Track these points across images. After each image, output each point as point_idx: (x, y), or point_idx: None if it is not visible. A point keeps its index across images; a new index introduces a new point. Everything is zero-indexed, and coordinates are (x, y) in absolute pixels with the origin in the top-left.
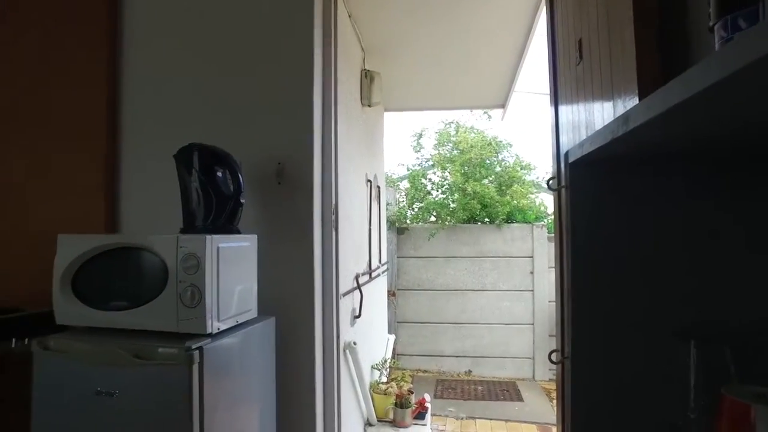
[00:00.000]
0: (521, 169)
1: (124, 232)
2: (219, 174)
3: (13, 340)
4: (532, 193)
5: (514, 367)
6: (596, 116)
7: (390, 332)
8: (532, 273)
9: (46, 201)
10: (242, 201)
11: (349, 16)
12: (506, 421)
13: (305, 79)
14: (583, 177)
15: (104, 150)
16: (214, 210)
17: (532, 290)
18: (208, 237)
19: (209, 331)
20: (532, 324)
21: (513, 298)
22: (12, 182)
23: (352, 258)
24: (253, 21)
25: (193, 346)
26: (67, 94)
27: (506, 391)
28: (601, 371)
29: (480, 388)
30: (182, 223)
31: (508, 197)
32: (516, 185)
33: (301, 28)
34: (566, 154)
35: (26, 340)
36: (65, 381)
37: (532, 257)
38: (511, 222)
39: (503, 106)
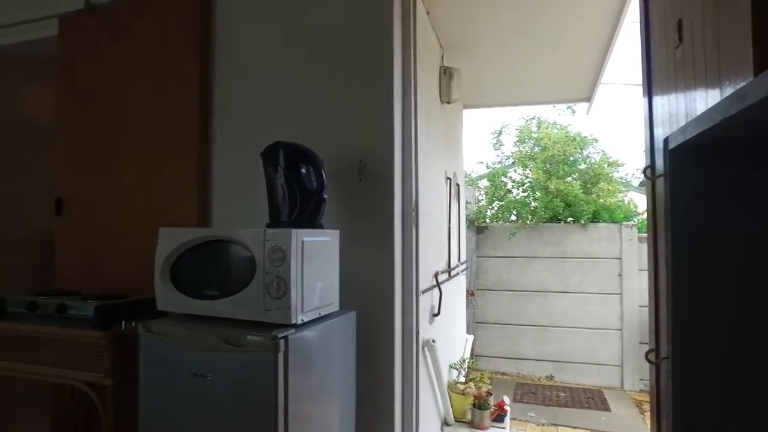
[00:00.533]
0: (608, 165)
1: (215, 227)
2: (303, 170)
3: (123, 323)
4: (620, 192)
5: (601, 374)
6: (698, 105)
7: (468, 332)
8: (620, 275)
9: (149, 199)
10: (325, 197)
11: (428, 14)
12: (591, 430)
13: (385, 79)
14: (685, 164)
15: (197, 153)
16: (298, 205)
17: (621, 294)
18: (293, 231)
19: (294, 321)
20: (621, 330)
21: (599, 301)
22: (120, 183)
23: (431, 255)
24: (334, 25)
25: (279, 335)
26: (165, 104)
27: (591, 399)
28: (703, 374)
29: (563, 394)
30: (268, 218)
31: (593, 195)
32: (602, 183)
33: (380, 30)
34: (666, 140)
35: (133, 323)
36: (166, 361)
37: (620, 259)
38: (598, 221)
39: (588, 99)
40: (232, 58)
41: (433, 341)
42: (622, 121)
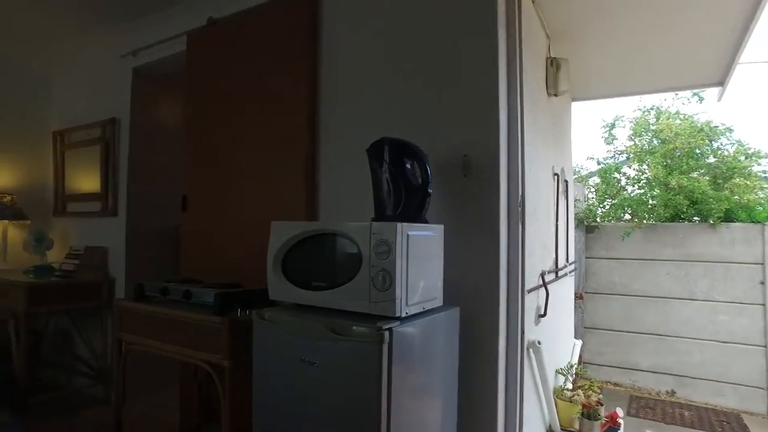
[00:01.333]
0: (746, 158)
1: (321, 222)
2: (408, 166)
3: (238, 310)
4: (762, 188)
5: (737, 395)
6: None
7: (576, 337)
8: (762, 283)
9: (261, 196)
10: (430, 191)
11: (533, 2)
12: None
13: (490, 71)
14: None
15: (306, 153)
16: (403, 200)
17: (764, 304)
18: (399, 224)
19: (398, 314)
20: (765, 346)
21: (733, 311)
22: (236, 182)
23: (537, 254)
24: (436, 18)
25: (384, 327)
26: (277, 109)
27: (726, 423)
28: None
29: (687, 413)
30: (373, 212)
31: (726, 192)
32: (738, 178)
33: (484, 21)
34: None
35: (247, 310)
36: (277, 347)
37: (762, 264)
38: (732, 221)
39: (721, 83)
40: (337, 62)
41: (539, 343)
42: (765, 106)
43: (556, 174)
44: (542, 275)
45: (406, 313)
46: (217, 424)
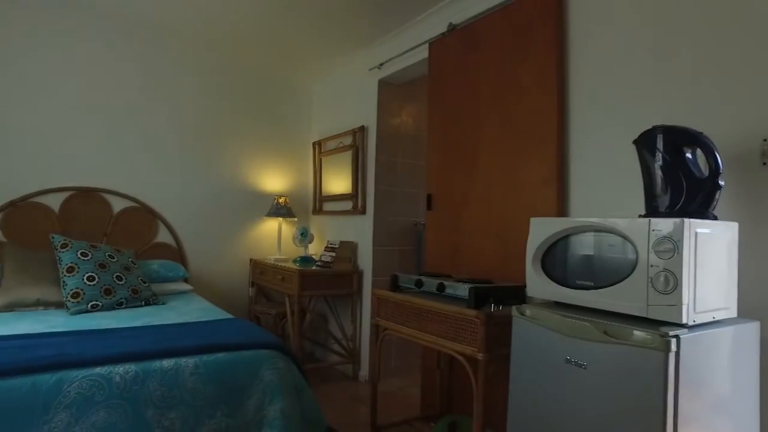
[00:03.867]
0: None
1: (578, 217)
2: (688, 155)
3: (492, 305)
4: None
5: None
6: None
7: None
8: None
9: (505, 193)
10: (720, 184)
11: None
12: None
13: None
14: None
15: (556, 149)
16: (684, 194)
17: None
18: (686, 221)
19: (684, 321)
20: None
21: None
22: (479, 179)
23: None
24: None
25: (671, 333)
26: (522, 105)
27: None
28: None
29: None
30: (633, 208)
31: None
32: None
33: None
34: None
35: (500, 306)
36: (538, 345)
37: None
38: None
39: None
40: (586, 56)
41: None
42: None
43: None
44: None
45: (694, 321)
46: (457, 415)
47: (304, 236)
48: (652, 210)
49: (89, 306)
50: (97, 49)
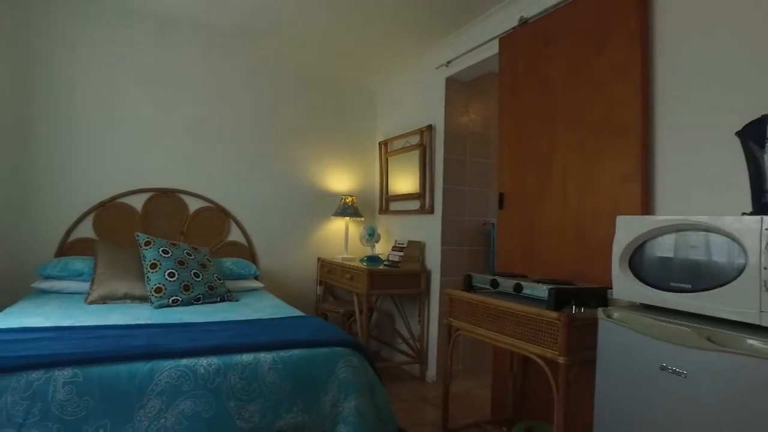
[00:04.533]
0: None
1: (659, 215)
2: None
3: (573, 306)
4: None
5: None
6: None
7: None
8: None
9: (582, 191)
10: None
11: None
12: None
13: None
14: None
15: (640, 144)
16: None
17: None
18: None
19: None
20: None
21: None
22: (554, 177)
23: None
24: None
25: None
26: (600, 99)
27: None
28: None
29: None
30: (750, 205)
31: None
32: None
33: None
34: None
35: (581, 308)
36: (627, 350)
37: None
38: None
39: None
40: (673, 44)
41: None
42: None
43: None
44: None
45: None
46: (532, 420)
47: (372, 236)
48: (761, 207)
49: (170, 301)
50: (174, 59)
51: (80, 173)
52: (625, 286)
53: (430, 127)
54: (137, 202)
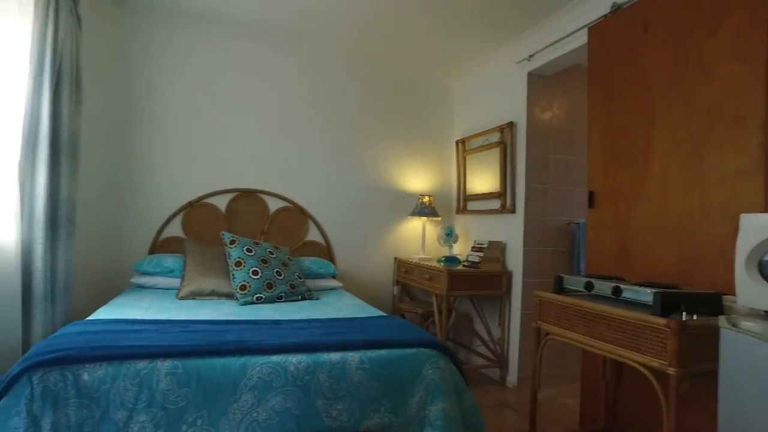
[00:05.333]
0: None
1: None
2: None
3: (683, 313)
4: None
5: None
6: None
7: None
8: None
9: (685, 188)
10: None
11: None
12: None
13: None
14: None
15: (763, 134)
16: None
17: None
18: None
19: None
20: None
21: None
22: (652, 173)
23: None
24: None
25: None
26: (710, 86)
27: None
28: None
29: None
30: None
31: None
32: None
33: None
34: None
35: (693, 315)
36: (760, 365)
37: None
38: None
39: None
40: None
41: None
42: None
43: None
44: None
45: None
46: None
47: (450, 236)
48: None
49: (254, 298)
50: (256, 63)
51: (170, 175)
52: (752, 292)
53: (511, 124)
54: (221, 203)
